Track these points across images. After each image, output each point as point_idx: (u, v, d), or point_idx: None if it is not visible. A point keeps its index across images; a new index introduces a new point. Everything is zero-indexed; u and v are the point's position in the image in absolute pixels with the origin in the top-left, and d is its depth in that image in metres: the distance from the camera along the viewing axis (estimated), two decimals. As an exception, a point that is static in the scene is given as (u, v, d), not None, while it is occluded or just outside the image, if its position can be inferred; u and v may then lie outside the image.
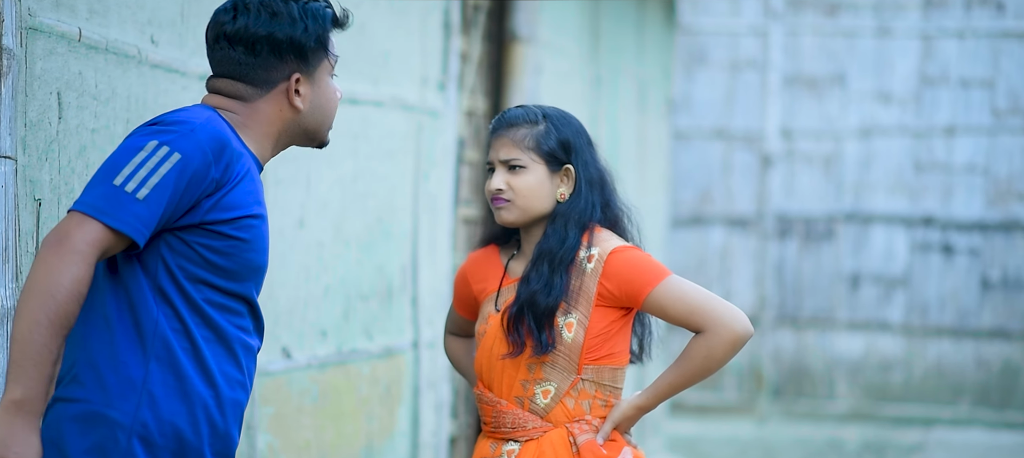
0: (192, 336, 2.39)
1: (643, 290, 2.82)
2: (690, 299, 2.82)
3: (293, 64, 2.50)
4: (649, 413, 8.14)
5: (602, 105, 6.94)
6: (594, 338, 2.84)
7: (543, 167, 2.86)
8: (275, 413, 3.92)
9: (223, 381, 2.42)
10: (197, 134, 2.37)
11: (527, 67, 5.91)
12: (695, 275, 11.40)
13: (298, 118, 2.53)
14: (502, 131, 2.89)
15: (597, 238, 2.86)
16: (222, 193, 2.38)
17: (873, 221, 11.20)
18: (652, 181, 8.05)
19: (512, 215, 2.87)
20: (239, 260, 2.42)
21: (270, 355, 3.89)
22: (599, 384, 2.86)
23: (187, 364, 2.38)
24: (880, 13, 11.09)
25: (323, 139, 2.60)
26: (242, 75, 2.50)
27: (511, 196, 2.85)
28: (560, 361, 2.84)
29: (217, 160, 2.38)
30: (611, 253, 2.84)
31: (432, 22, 4.88)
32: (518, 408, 2.86)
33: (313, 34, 2.51)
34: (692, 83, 11.27)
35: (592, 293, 2.83)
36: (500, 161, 2.87)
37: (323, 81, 2.55)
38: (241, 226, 2.41)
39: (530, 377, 2.86)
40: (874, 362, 11.23)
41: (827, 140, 11.26)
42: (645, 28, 7.74)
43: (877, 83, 11.12)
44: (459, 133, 5.37)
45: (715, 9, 11.24)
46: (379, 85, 4.45)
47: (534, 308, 2.83)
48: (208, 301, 2.40)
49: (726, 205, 11.38)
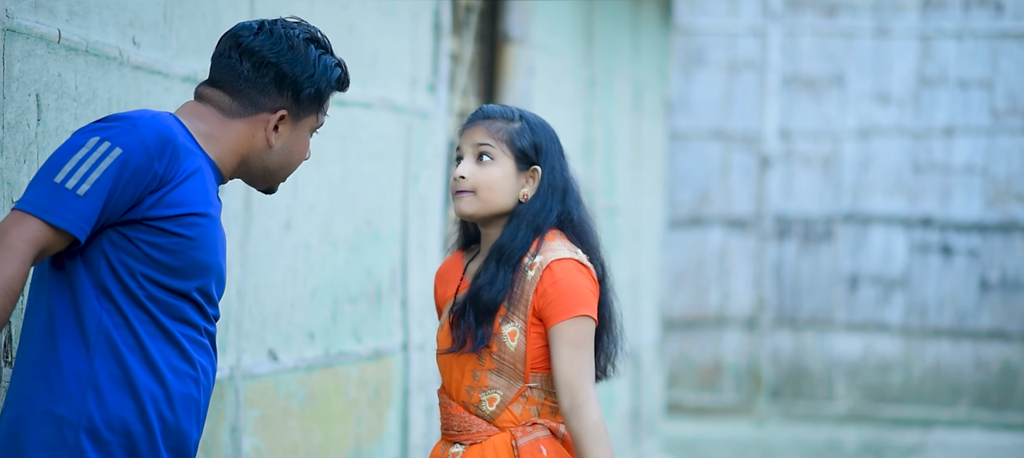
0: (135, 331, 2.39)
1: (555, 316, 2.75)
2: (575, 360, 2.73)
3: (286, 100, 2.54)
4: (646, 412, 8.00)
5: (596, 106, 6.92)
6: (540, 348, 2.78)
7: (512, 162, 2.82)
8: (261, 415, 3.91)
9: (172, 375, 2.41)
10: (139, 129, 2.38)
11: (520, 68, 5.89)
12: (694, 276, 11.39)
13: (265, 153, 2.55)
14: (478, 121, 2.87)
15: (545, 246, 2.79)
16: (166, 189, 2.39)
17: (872, 222, 11.18)
18: (648, 183, 8.03)
19: (472, 207, 2.82)
20: (184, 258, 2.41)
21: (256, 357, 3.88)
22: (549, 392, 2.80)
23: (132, 359, 2.38)
24: (878, 14, 11.07)
25: (274, 185, 2.62)
26: (235, 89, 2.53)
27: (474, 185, 2.81)
28: (505, 369, 2.79)
29: (160, 155, 2.38)
30: (551, 263, 2.77)
31: (422, 23, 4.87)
32: (465, 411, 2.83)
33: (316, 83, 2.55)
34: (690, 84, 11.25)
35: (529, 301, 2.77)
36: (472, 146, 2.83)
37: (303, 133, 2.58)
38: (185, 223, 2.40)
39: (475, 384, 2.81)
40: (873, 363, 11.21)
41: (826, 141, 11.24)
42: (640, 29, 7.72)
43: (876, 84, 11.10)
44: (450, 135, 5.36)
45: (713, 9, 11.22)
46: (368, 87, 4.44)
47: (476, 304, 2.79)
48: (151, 297, 2.40)
49: (724, 206, 11.36)
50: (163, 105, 3.40)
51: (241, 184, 3.78)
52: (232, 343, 3.76)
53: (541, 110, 6.15)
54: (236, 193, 3.76)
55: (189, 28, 3.50)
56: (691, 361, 11.37)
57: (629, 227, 7.60)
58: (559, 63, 6.42)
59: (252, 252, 3.84)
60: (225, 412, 3.73)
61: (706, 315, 11.40)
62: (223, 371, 3.72)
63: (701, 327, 11.40)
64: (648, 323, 8.10)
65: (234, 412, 3.78)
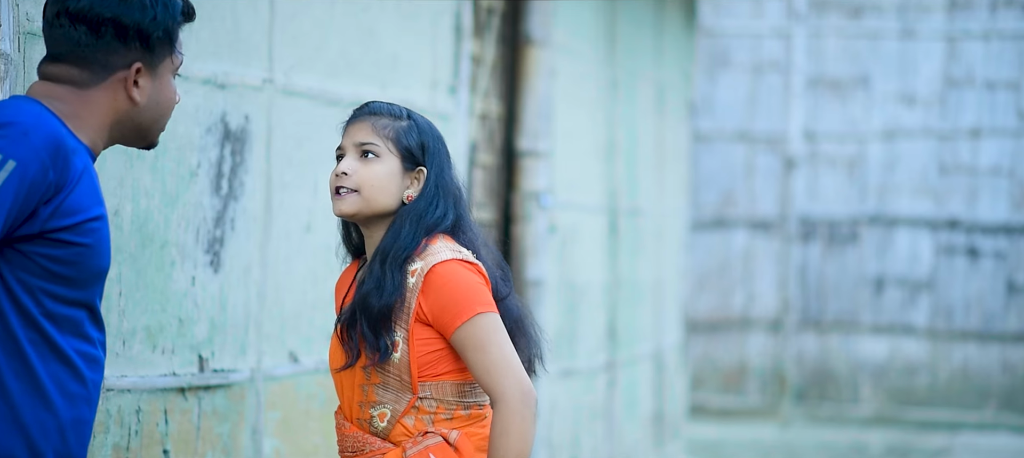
0: (25, 355, 2.24)
1: (452, 323, 2.59)
2: (488, 355, 2.58)
3: (136, 52, 2.35)
4: (669, 414, 7.98)
5: (619, 108, 6.91)
6: (426, 355, 2.62)
7: (397, 161, 2.67)
8: (281, 417, 3.91)
9: (63, 400, 2.26)
10: (30, 137, 2.20)
11: (541, 70, 5.89)
12: (718, 278, 11.35)
13: (133, 111, 2.37)
14: (363, 116, 2.71)
15: (429, 250, 2.63)
16: (61, 197, 2.23)
17: (897, 224, 11.12)
18: (672, 185, 8.01)
19: (351, 206, 2.65)
20: (82, 267, 2.27)
21: (277, 359, 3.89)
22: (441, 400, 2.65)
23: (18, 389, 2.23)
24: (904, 15, 11.01)
25: (153, 139, 2.44)
26: (80, 58, 2.33)
27: (355, 184, 2.64)
28: (391, 382, 2.62)
29: (53, 163, 2.21)
30: (431, 268, 2.61)
31: (443, 25, 4.87)
32: (359, 431, 2.66)
33: (161, 23, 2.35)
34: (714, 85, 11.22)
35: (412, 309, 2.61)
36: (354, 144, 2.67)
37: (165, 78, 2.40)
38: (83, 231, 2.25)
39: (364, 399, 2.64)
40: (899, 366, 11.15)
41: (851, 142, 11.19)
42: (664, 31, 7.70)
43: (901, 85, 11.04)
44: (471, 136, 5.36)
45: (737, 11, 11.19)
46: (388, 88, 4.44)
47: (367, 311, 2.60)
48: (46, 314, 2.25)
49: (749, 208, 11.32)
50: (182, 108, 3.41)
51: (262, 187, 3.79)
52: (253, 345, 3.77)
53: (563, 111, 6.14)
54: (256, 195, 3.77)
55: (208, 31, 3.51)
56: (715, 363, 11.34)
57: (652, 229, 7.58)
58: (581, 65, 6.41)
59: (272, 254, 3.85)
60: (245, 414, 3.74)
61: (730, 317, 11.36)
62: (244, 373, 3.73)
63: (725, 329, 11.36)
64: (671, 325, 8.08)
65: (255, 414, 3.78)
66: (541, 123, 5.89)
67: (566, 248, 6.24)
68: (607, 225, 6.82)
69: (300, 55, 3.96)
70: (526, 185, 5.88)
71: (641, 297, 7.35)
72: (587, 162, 6.57)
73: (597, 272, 6.68)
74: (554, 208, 6.02)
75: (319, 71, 4.06)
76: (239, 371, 3.70)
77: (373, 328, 2.61)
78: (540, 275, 5.88)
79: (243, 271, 3.70)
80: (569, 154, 6.25)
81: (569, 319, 6.30)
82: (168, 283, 3.38)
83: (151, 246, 3.32)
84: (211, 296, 3.56)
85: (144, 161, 3.29)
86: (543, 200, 5.88)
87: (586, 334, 6.52)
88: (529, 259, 5.85)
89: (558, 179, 6.09)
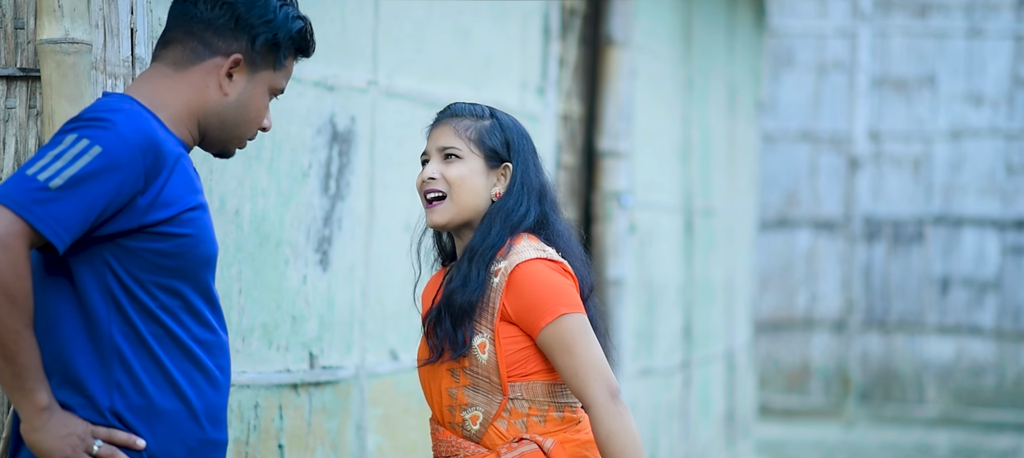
0: (152, 350, 2.28)
1: (537, 323, 2.56)
2: (575, 358, 2.55)
3: (240, 45, 2.37)
4: (740, 414, 7.96)
5: (694, 108, 6.93)
6: (513, 354, 2.58)
7: (480, 161, 2.64)
8: (383, 414, 3.97)
9: (193, 390, 2.31)
10: (120, 127, 2.23)
11: (622, 70, 5.92)
12: (781, 278, 11.33)
13: (220, 105, 2.38)
14: (445, 120, 2.68)
15: (513, 249, 2.60)
16: (156, 189, 2.25)
17: (964, 224, 11.06)
18: (742, 184, 8.02)
19: (445, 215, 2.63)
20: (188, 257, 2.29)
21: (379, 356, 3.95)
22: (532, 401, 2.61)
23: (151, 384, 2.28)
24: (971, 14, 10.95)
25: (231, 147, 2.44)
26: (188, 31, 2.36)
27: (444, 188, 2.62)
28: (481, 384, 2.59)
29: (143, 153, 2.23)
30: (516, 268, 2.57)
31: (532, 27, 4.91)
32: (452, 435, 2.63)
33: (274, 29, 2.38)
34: (778, 85, 11.20)
35: (495, 309, 2.58)
36: (437, 149, 2.65)
37: (259, 88, 2.41)
38: (182, 221, 2.28)
39: (454, 402, 2.61)
40: (965, 366, 11.09)
41: (916, 142, 11.14)
42: (735, 30, 7.72)
43: (968, 85, 10.98)
44: (557, 137, 5.40)
45: (802, 11, 11.17)
46: (481, 90, 4.49)
47: (450, 306, 2.58)
48: (162, 307, 2.28)
49: (812, 208, 11.30)
50: (295, 110, 3.48)
51: (365, 187, 3.85)
52: (357, 343, 3.83)
53: (641, 111, 6.18)
54: (361, 195, 3.84)
55: (319, 33, 3.56)
56: (778, 363, 11.32)
57: (724, 229, 7.60)
58: (659, 65, 6.44)
59: (375, 253, 3.91)
60: (351, 410, 3.80)
61: (794, 317, 11.34)
62: (349, 370, 3.80)
63: (789, 329, 11.34)
64: (741, 325, 8.09)
65: (359, 410, 3.84)
66: (622, 123, 5.92)
67: (644, 248, 6.27)
68: (683, 225, 6.85)
69: (401, 57, 4.02)
70: (607, 185, 5.91)
71: (714, 297, 7.37)
72: (664, 162, 6.60)
73: (673, 271, 6.71)
74: (633, 208, 6.05)
75: (418, 72, 4.12)
76: (345, 368, 3.76)
77: (454, 323, 2.58)
78: (620, 274, 5.91)
79: (348, 270, 3.77)
80: (647, 154, 6.28)
81: (647, 318, 6.33)
82: (282, 281, 3.45)
83: (267, 245, 3.39)
84: (320, 294, 3.62)
85: (261, 162, 3.35)
86: (624, 200, 5.92)
87: (663, 333, 6.55)
88: (610, 258, 5.88)
89: (637, 179, 6.12)
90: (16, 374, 2.17)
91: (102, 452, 2.23)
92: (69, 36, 2.67)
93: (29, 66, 2.77)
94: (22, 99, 2.78)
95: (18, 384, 2.17)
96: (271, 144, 3.40)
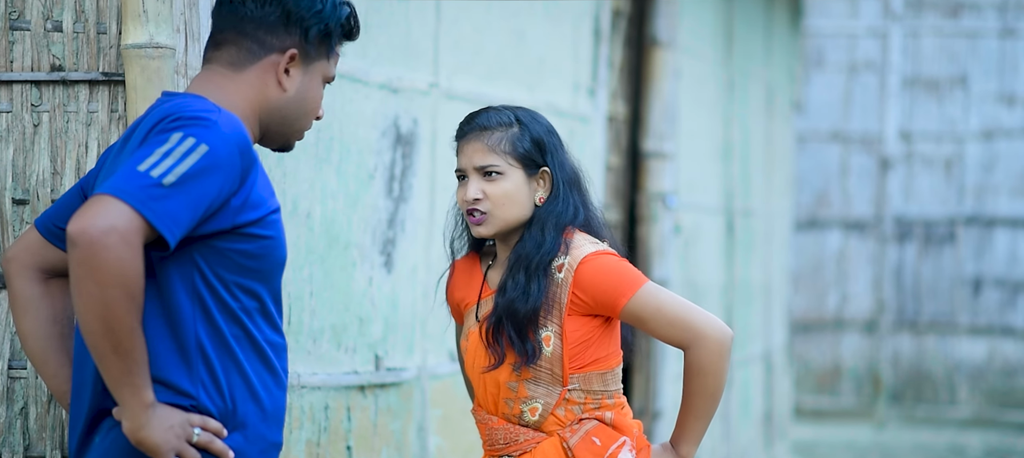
0: (233, 352, 2.29)
1: (618, 301, 2.66)
2: (668, 310, 2.66)
3: (294, 40, 2.38)
4: (777, 415, 7.89)
5: (734, 109, 6.93)
6: (574, 347, 2.68)
7: (520, 172, 2.69)
8: (443, 415, 3.99)
9: (266, 393, 2.33)
10: (221, 126, 2.24)
11: (667, 71, 5.91)
12: (812, 278, 11.32)
13: (280, 101, 2.39)
14: (474, 135, 2.70)
15: (570, 244, 2.69)
16: (248, 188, 2.27)
17: (996, 224, 11.03)
18: (778, 185, 8.02)
19: (492, 228, 2.69)
20: (269, 259, 2.32)
21: (439, 358, 3.96)
22: (588, 391, 2.71)
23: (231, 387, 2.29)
24: (1004, 14, 10.91)
25: (290, 140, 2.45)
26: (240, 32, 2.37)
27: (488, 207, 2.67)
28: (543, 377, 2.68)
29: (241, 152, 2.25)
30: (581, 262, 2.67)
31: (583, 28, 4.92)
32: (508, 423, 2.71)
33: (325, 19, 2.39)
34: (809, 85, 11.18)
35: (564, 304, 2.67)
36: (474, 167, 2.68)
37: (315, 78, 2.42)
38: (267, 224, 2.30)
39: (514, 395, 2.70)
40: (997, 367, 11.05)
41: (948, 142, 11.11)
42: (773, 30, 7.71)
43: (1000, 85, 10.95)
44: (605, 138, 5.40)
45: (833, 11, 11.15)
46: (535, 92, 4.50)
47: (513, 317, 2.65)
48: (243, 309, 2.30)
49: (843, 208, 11.28)
50: (361, 112, 3.49)
51: (426, 189, 3.86)
52: (418, 344, 3.84)
53: (685, 112, 6.18)
54: (422, 197, 3.85)
55: (385, 37, 3.59)
56: (809, 364, 11.30)
57: (762, 230, 7.59)
58: (702, 66, 6.44)
59: (435, 255, 3.92)
60: (413, 412, 3.81)
61: (824, 318, 11.32)
62: (412, 371, 3.81)
63: (819, 330, 11.33)
64: (778, 325, 8.08)
65: (420, 412, 3.86)
66: (667, 124, 5.92)
67: (688, 249, 6.27)
68: (724, 225, 6.84)
69: (460, 59, 4.03)
70: (651, 186, 5.91)
71: (752, 297, 7.36)
72: (706, 163, 6.60)
73: (715, 272, 6.71)
74: (678, 209, 6.05)
75: (477, 74, 4.13)
76: (407, 370, 3.77)
77: (520, 332, 2.66)
78: (665, 275, 5.91)
79: (410, 271, 3.78)
80: (691, 155, 6.28)
81: (690, 319, 6.32)
82: (350, 283, 3.46)
83: (336, 247, 3.40)
84: (385, 296, 3.63)
85: (330, 164, 3.37)
86: (669, 201, 5.92)
87: (705, 334, 6.53)
88: (655, 259, 5.88)
89: (681, 180, 6.12)
90: (128, 370, 2.17)
91: (201, 439, 2.24)
92: (154, 41, 2.69)
93: (111, 70, 2.79)
94: (104, 103, 2.80)
95: (128, 380, 2.18)
96: (339, 146, 3.41)
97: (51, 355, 2.43)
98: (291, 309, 3.22)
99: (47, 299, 2.43)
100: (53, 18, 2.79)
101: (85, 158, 2.78)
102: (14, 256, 2.44)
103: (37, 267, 2.43)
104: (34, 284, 2.42)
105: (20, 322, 2.43)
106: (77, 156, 2.79)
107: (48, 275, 2.44)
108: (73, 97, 2.80)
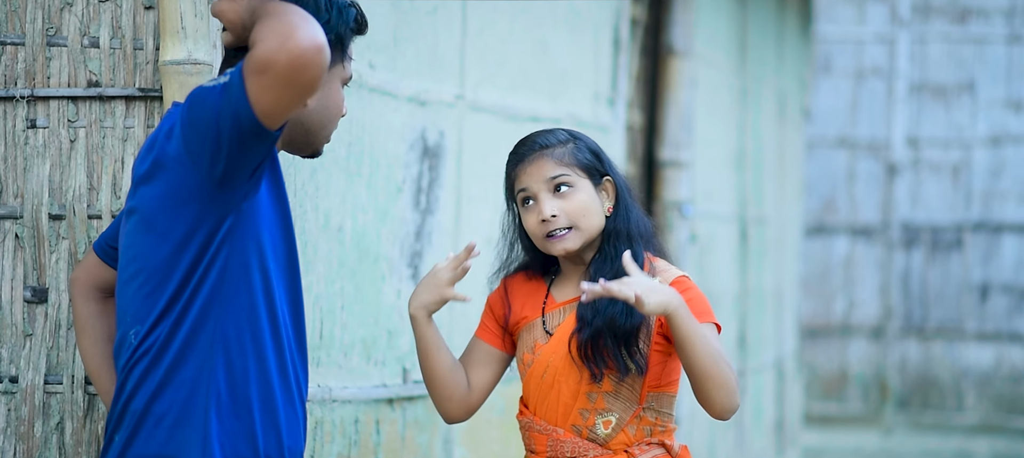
0: (266, 362, 2.31)
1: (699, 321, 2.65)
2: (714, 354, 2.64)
3: None
4: (788, 422, 7.84)
5: (748, 116, 6.93)
6: (656, 366, 2.69)
7: (588, 181, 2.70)
8: (467, 427, 3.98)
9: (301, 404, 2.37)
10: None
11: (683, 80, 5.92)
12: (819, 284, 11.32)
13: (302, 113, 2.38)
14: (535, 154, 2.70)
15: (656, 267, 2.71)
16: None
17: (1003, 230, 11.04)
18: (789, 191, 8.02)
19: (574, 242, 2.68)
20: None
21: (464, 370, 3.96)
22: (658, 412, 2.73)
23: (268, 396, 2.30)
24: (1011, 20, 10.92)
25: (318, 147, 2.46)
26: None
27: (569, 221, 2.67)
28: (623, 391, 2.69)
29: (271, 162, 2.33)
30: (673, 281, 2.69)
31: (603, 39, 4.92)
32: (576, 436, 2.70)
33: (334, 28, 2.38)
34: (815, 92, 11.19)
35: (652, 322, 2.67)
36: (544, 182, 2.68)
37: (333, 84, 2.42)
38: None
39: (590, 406, 2.69)
40: (1004, 373, 11.06)
41: (955, 148, 11.12)
42: (784, 38, 7.72)
43: (1008, 91, 10.96)
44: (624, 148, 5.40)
45: (840, 17, 11.16)
46: (557, 102, 4.50)
47: (614, 330, 2.64)
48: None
49: (850, 214, 11.29)
50: (391, 125, 3.49)
51: (452, 201, 3.86)
52: (444, 356, 3.84)
53: (701, 121, 6.18)
54: (448, 209, 3.84)
55: (413, 50, 3.59)
56: (816, 370, 11.31)
57: (774, 237, 7.60)
58: (717, 74, 6.44)
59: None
60: (438, 424, 3.81)
61: (831, 324, 11.32)
62: (438, 384, 3.80)
63: (826, 336, 11.33)
64: (789, 333, 8.09)
65: (446, 424, 3.85)
66: (682, 133, 5.92)
67: (703, 257, 6.28)
68: (738, 233, 6.85)
69: (485, 71, 4.03)
70: (667, 195, 5.91)
71: (764, 305, 7.37)
72: (721, 171, 6.60)
73: (730, 280, 6.71)
74: (694, 217, 6.05)
75: (501, 86, 4.13)
76: (434, 382, 3.77)
77: (627, 346, 2.65)
78: (681, 284, 5.91)
79: (437, 284, 3.77)
80: (706, 163, 6.29)
81: (705, 328, 6.32)
82: (379, 296, 3.46)
83: (367, 260, 3.40)
84: (412, 309, 3.63)
85: (361, 177, 3.37)
86: (685, 210, 5.92)
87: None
88: (671, 268, 5.88)
89: (697, 188, 6.12)
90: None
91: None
92: (192, 57, 2.69)
93: (147, 86, 2.79)
94: (140, 119, 2.80)
95: None
96: (369, 160, 3.41)
97: (105, 372, 2.45)
98: (322, 322, 3.22)
99: (103, 317, 2.47)
100: (90, 34, 2.79)
101: (121, 174, 2.78)
102: (75, 278, 2.50)
103: (95, 286, 2.48)
104: (92, 303, 2.47)
105: (79, 340, 2.48)
106: (113, 172, 2.79)
107: (106, 294, 2.47)
108: (109, 113, 2.80)
